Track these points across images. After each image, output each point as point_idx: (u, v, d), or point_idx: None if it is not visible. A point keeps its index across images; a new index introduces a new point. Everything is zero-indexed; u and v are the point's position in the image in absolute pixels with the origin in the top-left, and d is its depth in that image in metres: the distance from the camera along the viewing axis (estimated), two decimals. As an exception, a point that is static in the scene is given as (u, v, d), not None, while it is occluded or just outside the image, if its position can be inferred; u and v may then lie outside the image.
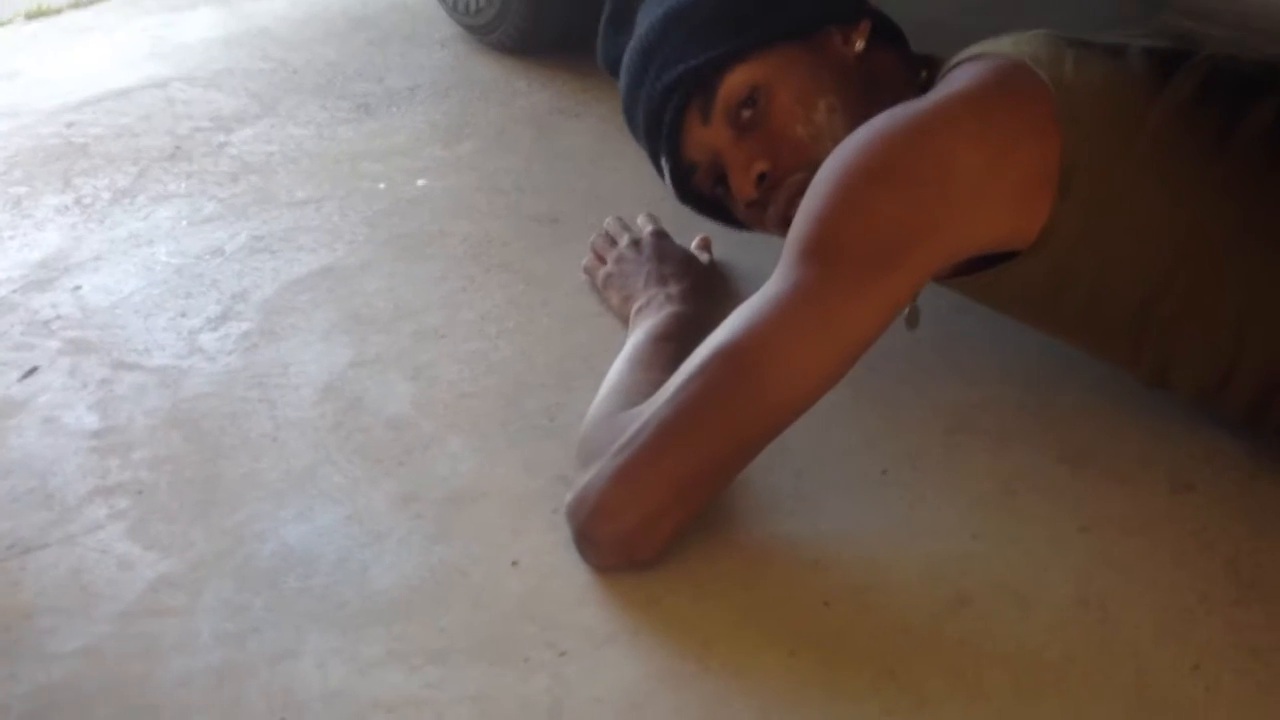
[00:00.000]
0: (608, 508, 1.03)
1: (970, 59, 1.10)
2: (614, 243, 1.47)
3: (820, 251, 1.02)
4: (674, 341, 1.21)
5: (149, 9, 2.72)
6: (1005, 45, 1.09)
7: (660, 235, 1.46)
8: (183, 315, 1.53)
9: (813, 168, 1.11)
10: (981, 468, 1.14)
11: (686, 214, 1.37)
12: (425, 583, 1.09)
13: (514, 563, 1.10)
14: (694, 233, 1.51)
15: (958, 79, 1.08)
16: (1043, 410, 1.21)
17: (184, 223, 1.75)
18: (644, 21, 1.27)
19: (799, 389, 1.02)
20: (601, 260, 1.47)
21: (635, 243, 1.45)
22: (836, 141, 1.10)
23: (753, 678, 0.96)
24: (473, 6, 2.19)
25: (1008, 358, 1.29)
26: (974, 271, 1.11)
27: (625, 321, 1.36)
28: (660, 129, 1.23)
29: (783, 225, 1.15)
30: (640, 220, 1.52)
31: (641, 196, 1.69)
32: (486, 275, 1.55)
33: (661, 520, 1.04)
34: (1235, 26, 1.03)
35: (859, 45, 1.21)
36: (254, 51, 2.39)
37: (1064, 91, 1.02)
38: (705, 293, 1.38)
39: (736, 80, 1.18)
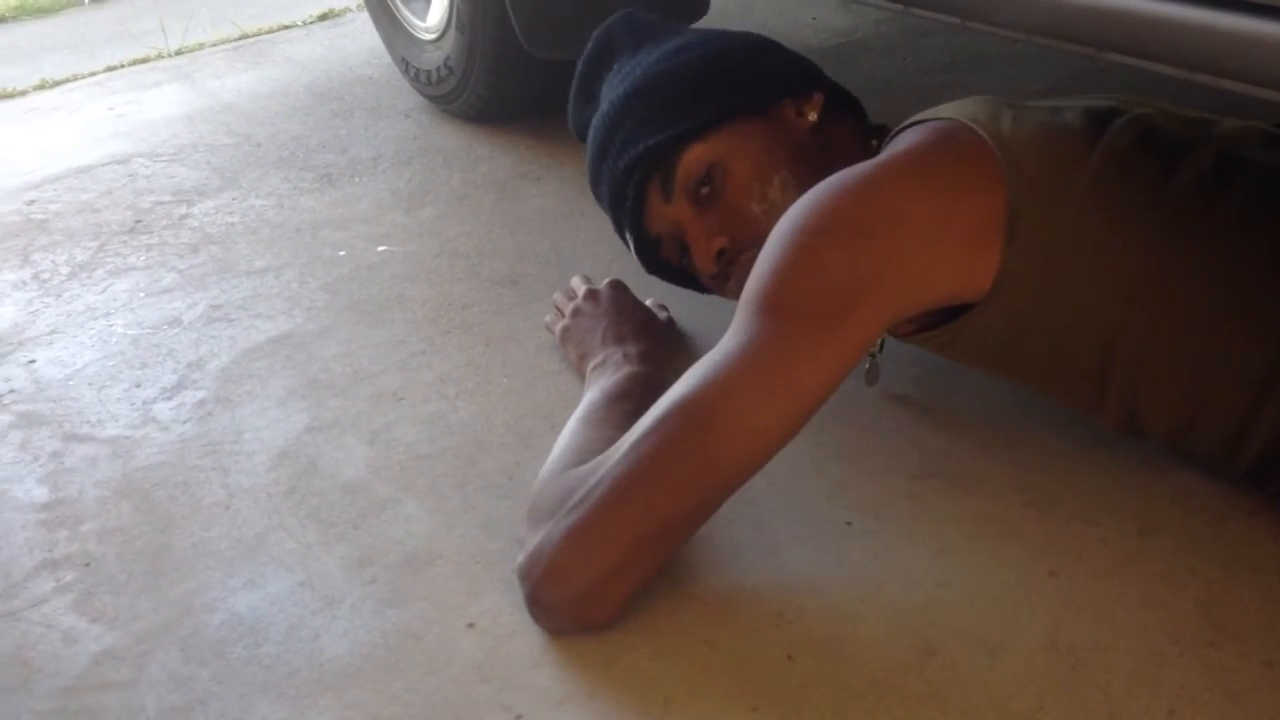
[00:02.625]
0: (559, 569, 1.00)
1: (912, 124, 1.12)
2: (573, 296, 1.46)
3: (772, 306, 1.01)
4: (630, 400, 1.20)
5: (113, 88, 2.74)
6: (944, 110, 1.11)
7: (618, 287, 1.44)
8: (137, 386, 1.50)
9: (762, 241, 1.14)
10: (947, 515, 1.12)
11: (649, 276, 1.36)
12: (378, 648, 1.05)
13: (470, 625, 1.07)
14: (658, 292, 1.49)
15: (901, 141, 1.09)
16: (1007, 455, 1.19)
17: (142, 294, 1.73)
18: (607, 97, 1.29)
19: (754, 444, 1.01)
20: (561, 314, 1.45)
21: (593, 294, 1.43)
22: None
23: (715, 737, 0.93)
24: (434, 77, 2.20)
25: (970, 404, 1.27)
26: (935, 327, 1.10)
27: (581, 375, 1.34)
28: (624, 204, 1.26)
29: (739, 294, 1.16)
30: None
31: (603, 256, 1.69)
32: (446, 338, 1.54)
33: (616, 581, 1.01)
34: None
35: (812, 117, 1.24)
36: (217, 127, 2.40)
37: (1002, 144, 1.03)
38: (663, 352, 1.36)
39: (694, 158, 1.21)
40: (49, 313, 1.71)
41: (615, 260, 1.68)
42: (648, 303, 1.46)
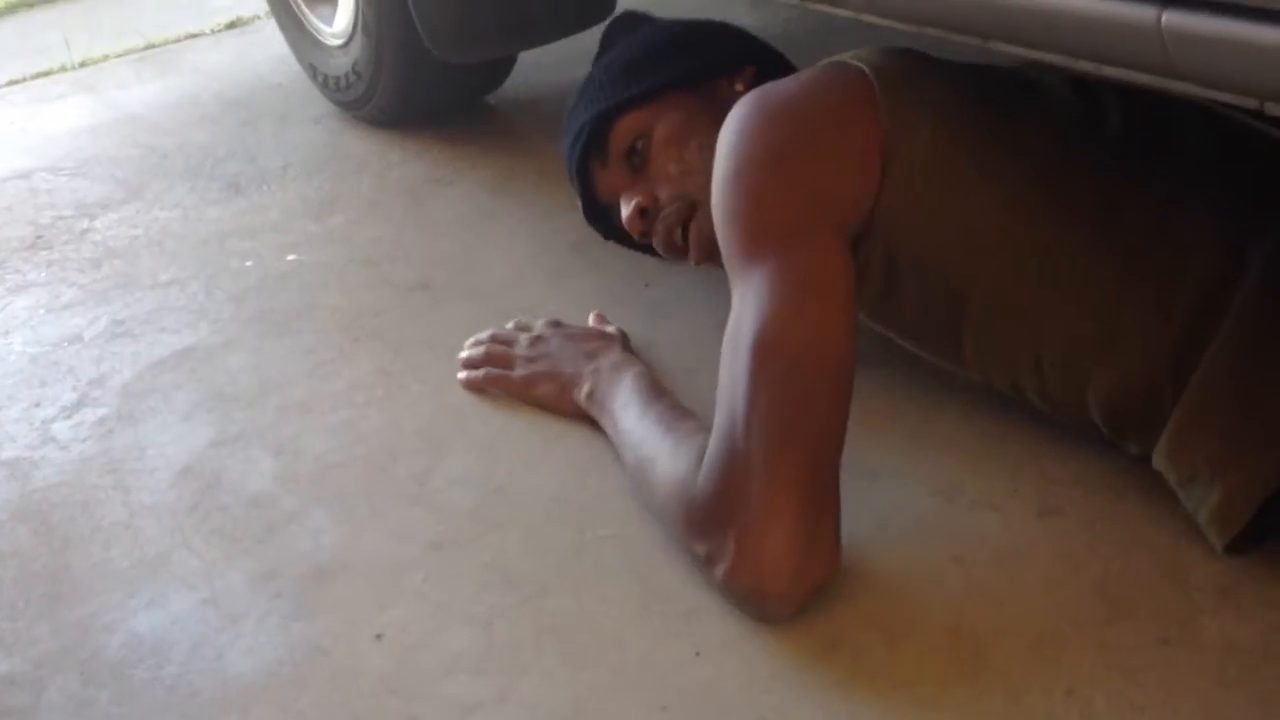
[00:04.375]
0: (776, 550, 0.97)
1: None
2: (510, 344, 1.40)
3: (755, 250, 1.06)
4: (662, 395, 1.23)
5: (14, 103, 2.67)
6: (837, 56, 1.17)
7: (557, 323, 1.42)
8: (36, 405, 1.46)
9: (687, 199, 1.27)
10: (852, 506, 1.11)
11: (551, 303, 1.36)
12: (284, 664, 1.04)
13: (377, 636, 1.06)
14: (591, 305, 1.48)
15: (794, 76, 1.17)
16: (911, 445, 1.21)
17: (42, 311, 1.69)
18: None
19: (836, 345, 1.02)
20: (506, 365, 1.38)
21: (537, 339, 1.39)
22: (707, 173, 1.17)
23: (624, 737, 0.93)
24: (343, 83, 2.17)
25: (874, 396, 1.27)
26: None
27: (566, 410, 1.31)
28: (573, 174, 1.37)
29: (669, 250, 1.32)
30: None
31: (515, 258, 1.68)
32: (355, 345, 1.52)
33: (822, 529, 0.99)
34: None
35: (739, 88, 1.31)
36: (122, 139, 2.34)
37: (883, 79, 1.10)
38: (633, 354, 1.36)
39: (624, 127, 1.31)
40: (-55, 333, 1.66)
41: (528, 261, 1.68)
42: (591, 318, 1.45)
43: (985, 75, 1.15)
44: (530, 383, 1.34)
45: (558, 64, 2.25)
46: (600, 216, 1.40)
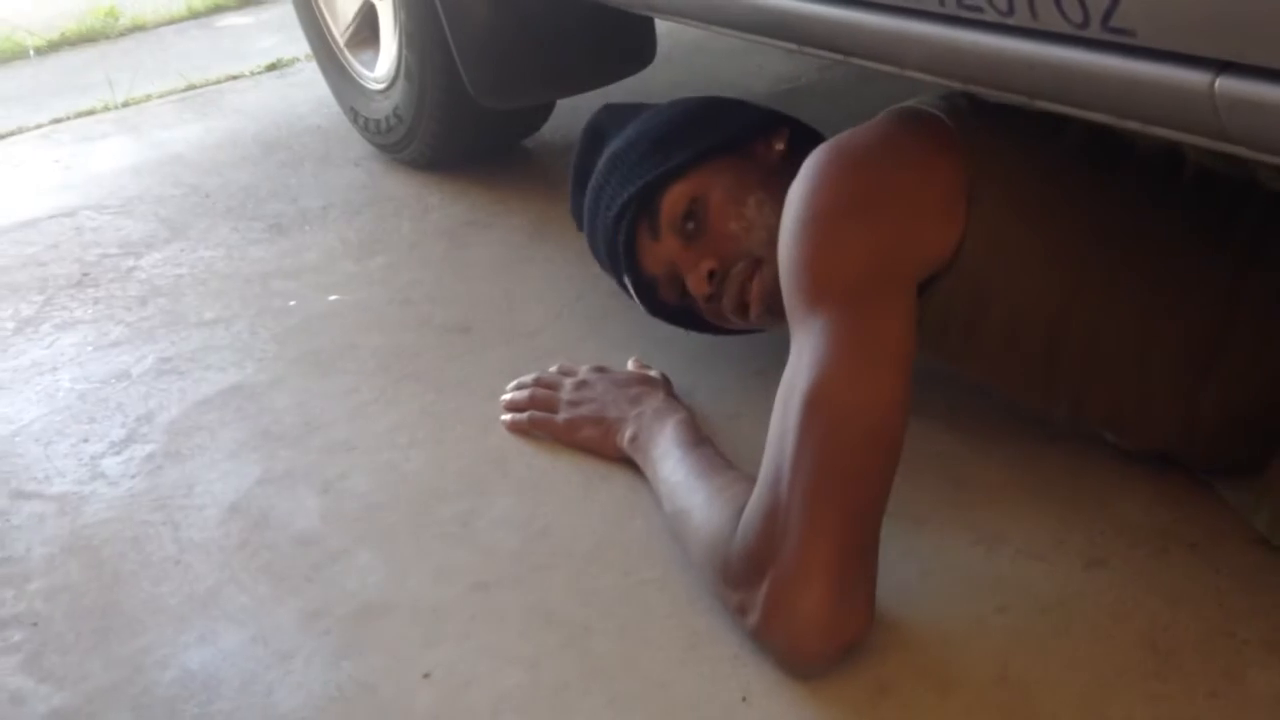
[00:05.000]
0: (808, 605, 0.97)
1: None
2: (554, 388, 1.42)
3: (820, 298, 1.05)
4: (704, 443, 1.23)
5: (60, 141, 2.72)
6: (901, 103, 1.18)
7: (601, 368, 1.43)
8: (85, 441, 1.49)
9: (752, 256, 1.27)
10: (897, 553, 1.13)
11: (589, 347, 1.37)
12: (333, 702, 1.05)
13: (425, 675, 1.07)
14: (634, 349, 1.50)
15: (864, 125, 1.16)
16: (956, 493, 1.21)
17: (89, 348, 1.72)
18: (597, 167, 1.39)
19: (888, 407, 1.02)
20: (550, 408, 1.39)
21: (581, 383, 1.40)
22: (769, 229, 1.21)
23: (672, 781, 0.93)
24: (383, 126, 2.21)
25: (918, 444, 1.28)
26: None
27: (609, 454, 1.33)
28: (618, 251, 1.34)
29: (739, 311, 1.30)
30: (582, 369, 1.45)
31: (553, 303, 1.70)
32: (397, 386, 1.54)
33: (857, 586, 0.99)
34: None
35: (779, 147, 1.34)
36: (165, 178, 2.39)
37: (958, 119, 1.10)
38: (677, 398, 1.37)
39: (674, 196, 1.30)
40: (-6, 368, 1.69)
41: (567, 305, 1.70)
42: (630, 366, 1.46)
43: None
44: (574, 426, 1.36)
45: (594, 109, 2.28)
46: (648, 292, 1.38)
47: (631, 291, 1.38)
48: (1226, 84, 0.78)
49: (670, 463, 1.21)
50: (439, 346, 1.63)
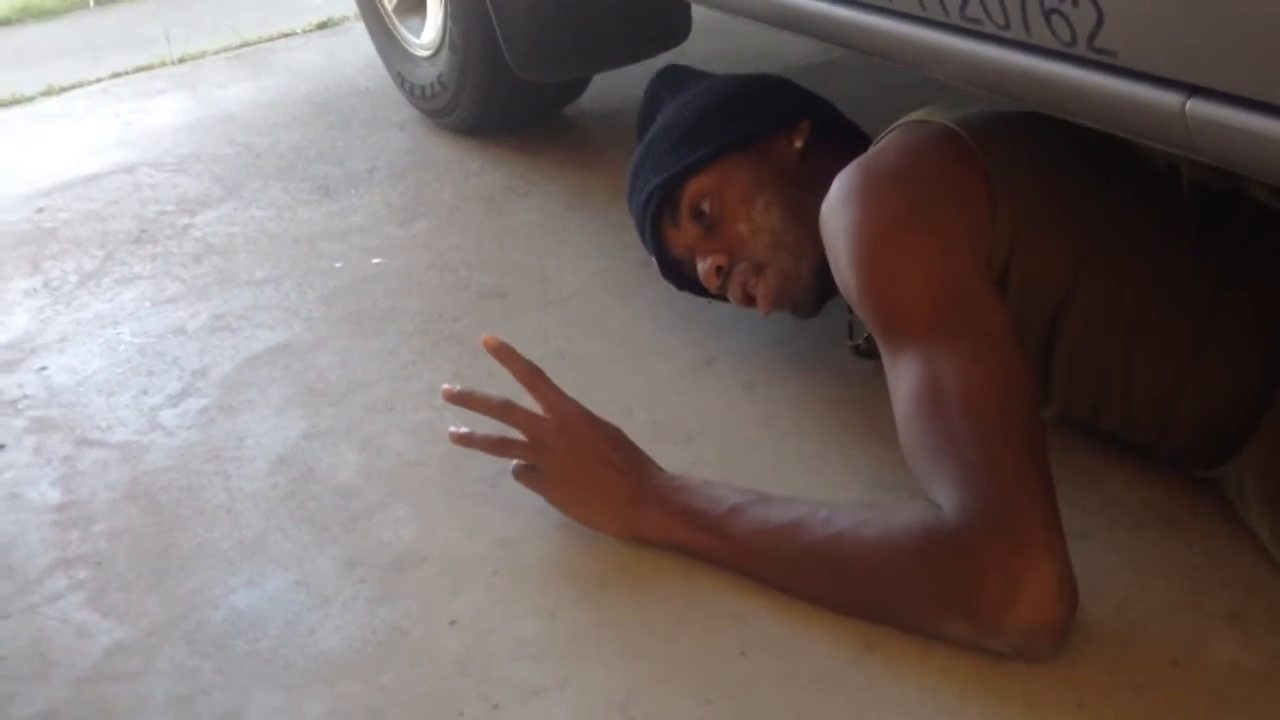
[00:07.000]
0: (1058, 586, 0.97)
1: (882, 136, 1.25)
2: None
3: (921, 317, 1.09)
4: (718, 488, 1.19)
5: (119, 95, 2.82)
6: (907, 117, 1.23)
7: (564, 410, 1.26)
8: (144, 393, 1.59)
9: (755, 261, 1.37)
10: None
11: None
12: (368, 643, 1.15)
13: (452, 622, 1.16)
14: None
15: (885, 141, 1.21)
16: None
17: (148, 303, 1.83)
18: (636, 150, 1.49)
19: (1029, 384, 1.07)
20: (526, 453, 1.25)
21: (558, 430, 1.24)
22: (774, 233, 1.33)
23: (671, 725, 1.03)
24: (429, 91, 2.29)
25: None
26: None
27: (624, 536, 1.22)
28: (645, 233, 1.46)
29: (745, 302, 1.40)
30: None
31: (585, 270, 1.78)
32: (435, 349, 1.63)
33: (1058, 540, 0.99)
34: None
35: (798, 144, 1.41)
36: (220, 137, 2.48)
37: (964, 127, 1.15)
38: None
39: (692, 190, 1.39)
40: (59, 320, 1.80)
41: (598, 274, 1.77)
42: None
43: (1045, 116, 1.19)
44: (554, 488, 1.25)
45: (633, 79, 2.34)
46: (674, 271, 1.49)
47: (657, 268, 1.49)
48: (1196, 105, 0.84)
49: (757, 511, 1.14)
50: (475, 311, 1.72)
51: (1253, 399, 1.08)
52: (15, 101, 2.89)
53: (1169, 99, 0.86)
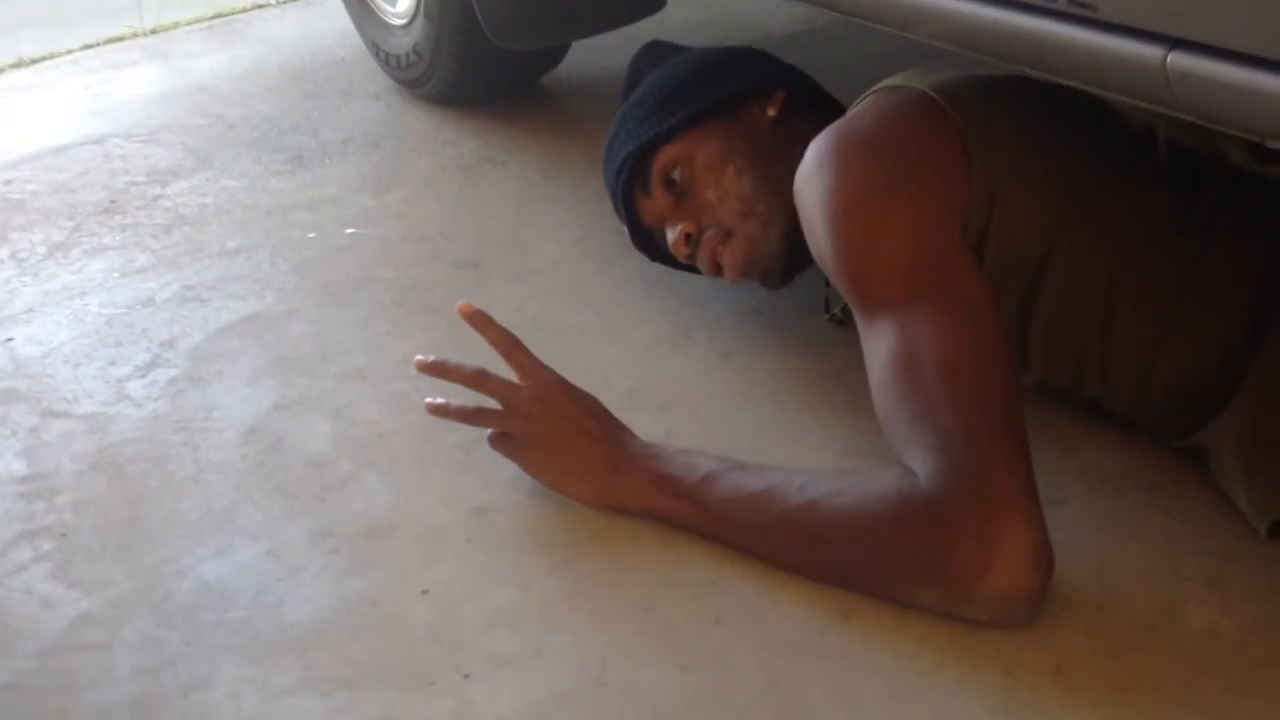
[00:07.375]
0: (1034, 552, 0.96)
1: (858, 102, 1.23)
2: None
3: (898, 280, 1.08)
4: (697, 454, 1.18)
5: (89, 67, 2.78)
6: (882, 83, 1.22)
7: (538, 379, 1.24)
8: (112, 364, 1.57)
9: (722, 227, 1.35)
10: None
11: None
12: (338, 613, 1.13)
13: (424, 592, 1.15)
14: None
15: (861, 108, 1.20)
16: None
17: (116, 274, 1.80)
18: (613, 120, 1.47)
19: (1006, 350, 1.06)
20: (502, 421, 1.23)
21: (534, 398, 1.22)
22: (743, 200, 1.31)
23: (645, 694, 1.01)
24: (404, 61, 2.26)
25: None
26: None
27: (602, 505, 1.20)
28: (618, 202, 1.44)
29: (713, 271, 1.38)
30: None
31: (563, 239, 1.76)
32: (409, 319, 1.61)
33: (1035, 503, 0.99)
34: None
35: (771, 112, 1.39)
36: (191, 107, 2.45)
37: (938, 91, 1.14)
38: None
39: (664, 158, 1.38)
40: (26, 292, 1.77)
41: (575, 243, 1.75)
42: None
43: (1024, 79, 1.17)
44: (544, 466, 1.23)
45: (611, 48, 2.32)
46: (645, 241, 1.48)
47: (629, 237, 1.47)
48: (1178, 59, 0.83)
49: (732, 479, 1.13)
50: (450, 281, 1.70)
51: (1232, 363, 1.07)
52: (-17, 72, 2.84)
53: (1150, 53, 0.84)
